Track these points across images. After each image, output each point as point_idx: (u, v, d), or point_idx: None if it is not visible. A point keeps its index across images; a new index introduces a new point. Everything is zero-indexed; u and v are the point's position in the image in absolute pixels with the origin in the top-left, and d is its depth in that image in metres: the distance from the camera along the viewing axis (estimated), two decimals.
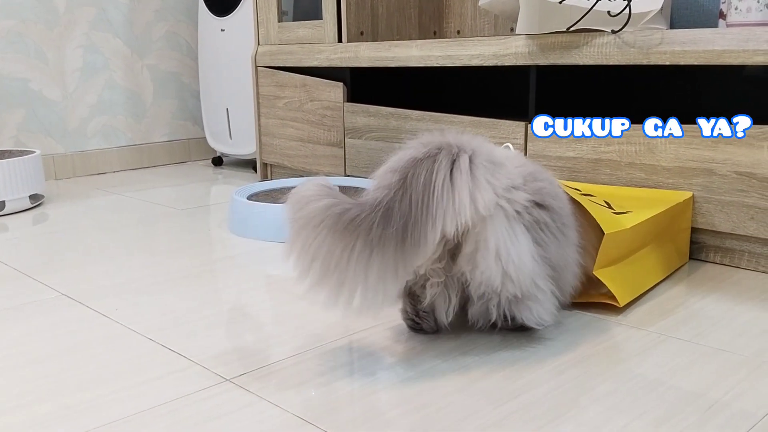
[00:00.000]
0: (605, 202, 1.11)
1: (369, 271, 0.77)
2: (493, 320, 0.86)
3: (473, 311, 0.87)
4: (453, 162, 0.80)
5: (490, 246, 0.80)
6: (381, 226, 0.77)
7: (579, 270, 0.92)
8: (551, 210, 0.86)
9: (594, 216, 0.97)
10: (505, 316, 0.86)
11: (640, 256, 1.07)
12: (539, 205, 0.85)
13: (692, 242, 1.21)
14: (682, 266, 1.18)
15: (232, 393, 0.77)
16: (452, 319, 0.88)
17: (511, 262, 0.81)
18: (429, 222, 0.78)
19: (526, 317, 0.85)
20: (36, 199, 1.77)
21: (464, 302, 0.87)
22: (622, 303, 0.97)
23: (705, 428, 0.69)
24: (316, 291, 0.79)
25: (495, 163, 0.83)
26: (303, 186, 0.84)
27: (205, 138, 2.50)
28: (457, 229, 0.78)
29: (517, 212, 0.82)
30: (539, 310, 0.85)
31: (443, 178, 0.79)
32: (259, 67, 1.96)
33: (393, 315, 0.98)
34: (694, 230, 1.20)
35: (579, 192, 1.11)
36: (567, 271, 0.89)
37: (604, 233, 0.94)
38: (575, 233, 0.91)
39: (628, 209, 1.09)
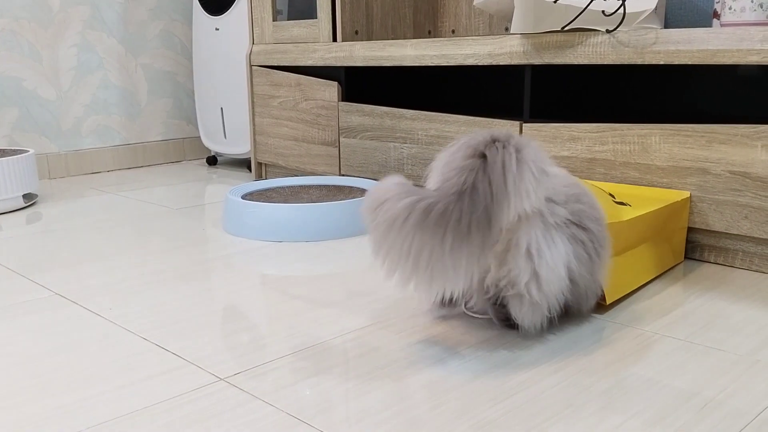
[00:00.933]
0: (608, 192, 1.12)
1: (459, 262, 0.77)
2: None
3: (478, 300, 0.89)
4: (517, 150, 0.81)
5: (522, 245, 0.82)
6: (469, 212, 0.77)
7: (600, 291, 0.94)
8: (589, 231, 0.88)
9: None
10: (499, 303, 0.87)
11: (633, 254, 1.08)
12: (577, 225, 0.87)
13: (687, 241, 1.21)
14: (677, 265, 1.18)
15: (226, 392, 0.77)
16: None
17: (544, 265, 0.82)
18: (505, 202, 0.78)
19: (526, 317, 0.86)
20: (30, 199, 1.76)
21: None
22: (608, 301, 0.97)
23: (699, 427, 0.69)
24: (405, 286, 0.80)
25: (543, 171, 0.83)
26: (380, 186, 0.83)
27: (199, 137, 2.49)
28: (526, 211, 0.80)
29: (556, 224, 0.84)
30: (538, 314, 0.86)
31: (514, 160, 0.80)
32: (253, 66, 1.96)
33: (387, 314, 0.98)
34: (689, 229, 1.20)
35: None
36: (590, 291, 0.91)
37: None
38: (608, 256, 0.92)
39: (628, 202, 1.10)
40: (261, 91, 1.95)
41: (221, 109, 2.20)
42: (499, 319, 0.92)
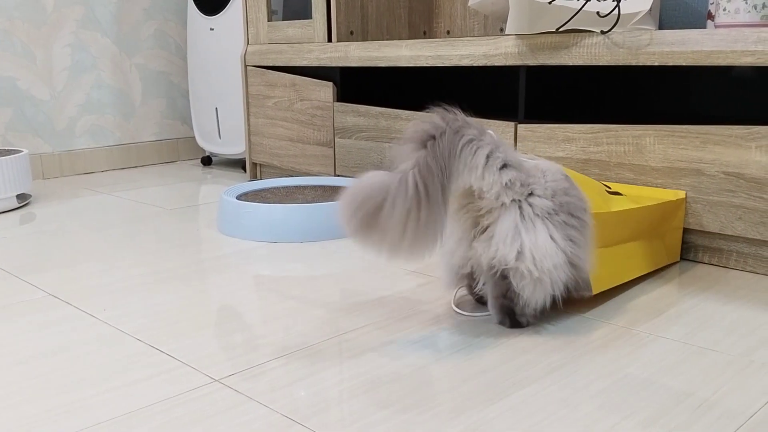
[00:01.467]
0: (603, 183, 1.13)
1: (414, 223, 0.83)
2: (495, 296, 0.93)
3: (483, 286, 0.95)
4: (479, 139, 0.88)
5: (501, 231, 0.88)
6: (423, 180, 0.83)
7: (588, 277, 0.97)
8: (580, 220, 0.93)
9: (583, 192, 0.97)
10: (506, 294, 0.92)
11: (623, 248, 1.08)
12: (568, 213, 0.92)
13: (682, 242, 1.22)
14: (672, 265, 1.18)
15: (221, 393, 0.77)
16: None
17: (528, 243, 0.88)
18: (454, 168, 0.86)
19: (527, 289, 0.90)
20: (23, 199, 1.75)
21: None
22: (594, 291, 0.97)
23: (694, 427, 0.69)
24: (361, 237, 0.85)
25: (511, 164, 0.89)
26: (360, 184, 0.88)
27: (194, 137, 2.49)
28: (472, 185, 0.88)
29: (538, 214, 0.89)
30: (540, 290, 0.90)
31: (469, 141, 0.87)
32: (248, 67, 1.96)
33: (382, 315, 0.98)
34: (683, 230, 1.20)
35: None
36: (584, 273, 0.95)
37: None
38: (592, 245, 0.97)
39: (624, 192, 1.11)
40: (256, 92, 1.95)
41: (216, 109, 2.19)
42: (501, 312, 0.93)
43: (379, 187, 0.83)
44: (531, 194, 0.90)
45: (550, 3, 1.25)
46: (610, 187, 1.13)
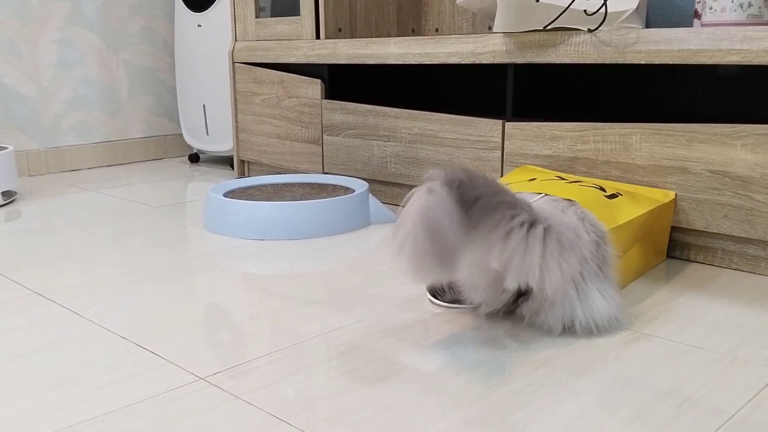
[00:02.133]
0: (596, 185, 1.12)
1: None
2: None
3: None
4: (531, 224, 0.83)
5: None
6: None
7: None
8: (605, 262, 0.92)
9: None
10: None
11: (626, 257, 1.07)
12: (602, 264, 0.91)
13: (669, 240, 1.22)
14: (659, 264, 1.19)
15: (206, 392, 0.76)
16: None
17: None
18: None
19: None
20: (9, 196, 1.74)
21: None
22: None
23: (678, 424, 0.69)
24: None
25: (566, 246, 0.86)
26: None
27: (181, 134, 2.47)
28: (519, 286, 0.83)
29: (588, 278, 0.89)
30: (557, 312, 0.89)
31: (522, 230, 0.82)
32: (236, 63, 1.95)
33: (369, 313, 0.98)
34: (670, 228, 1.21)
35: (566, 181, 1.12)
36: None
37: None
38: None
39: (619, 190, 1.11)
40: (244, 89, 1.94)
41: (203, 106, 2.19)
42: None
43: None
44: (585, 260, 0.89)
45: (537, 1, 1.25)
46: (605, 190, 1.12)
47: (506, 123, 1.36)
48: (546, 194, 1.01)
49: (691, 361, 0.82)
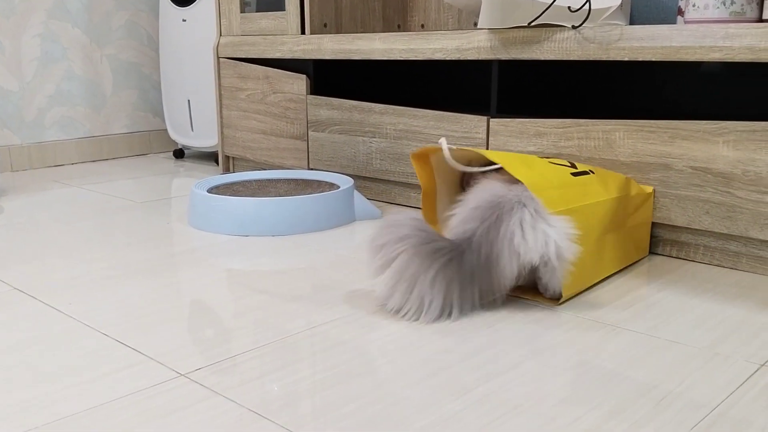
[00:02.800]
0: (569, 162, 1.12)
1: (448, 291, 0.93)
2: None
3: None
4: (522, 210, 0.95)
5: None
6: (462, 260, 0.93)
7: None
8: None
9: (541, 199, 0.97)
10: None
11: (594, 248, 1.07)
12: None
13: (651, 236, 1.23)
14: (640, 260, 1.19)
15: (187, 388, 0.76)
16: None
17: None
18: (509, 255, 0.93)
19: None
20: None
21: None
22: (565, 295, 0.98)
23: (658, 419, 0.69)
24: (385, 290, 0.95)
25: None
26: (396, 216, 0.98)
27: (166, 130, 2.46)
28: (541, 258, 0.93)
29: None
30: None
31: (519, 222, 0.94)
32: (221, 59, 1.94)
33: (353, 309, 0.98)
34: (652, 224, 1.22)
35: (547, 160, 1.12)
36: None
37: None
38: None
39: (591, 169, 1.12)
40: (228, 84, 1.93)
41: (188, 101, 2.17)
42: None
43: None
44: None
45: None
46: (576, 167, 1.12)
47: (491, 119, 1.36)
48: (502, 167, 1.05)
49: (672, 357, 0.83)
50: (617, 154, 1.20)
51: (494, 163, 1.10)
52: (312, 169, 1.74)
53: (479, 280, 0.94)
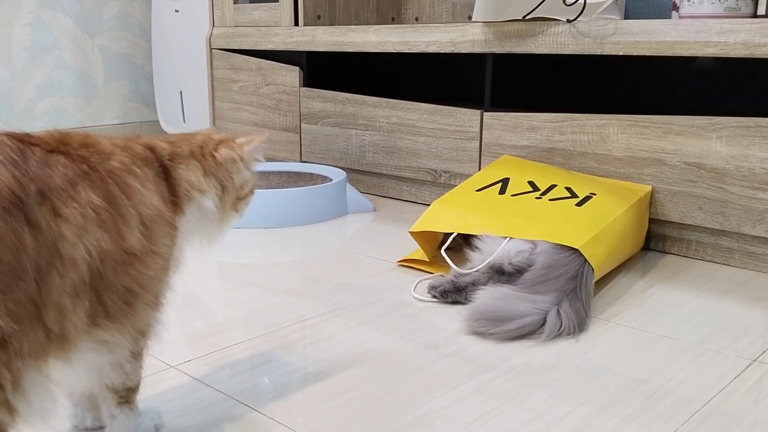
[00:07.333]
0: (568, 188, 1.11)
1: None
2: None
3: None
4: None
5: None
6: None
7: None
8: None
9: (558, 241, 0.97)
10: None
11: (615, 252, 1.06)
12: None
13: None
14: (634, 254, 1.19)
15: (177, 380, 0.75)
16: None
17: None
18: None
19: None
20: None
21: None
22: None
23: (649, 413, 0.69)
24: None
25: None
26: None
27: (158, 121, 2.44)
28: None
29: None
30: None
31: None
32: (213, 50, 1.93)
33: (343, 302, 0.98)
34: None
35: (536, 193, 1.10)
36: None
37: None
38: None
39: (593, 190, 1.10)
40: (221, 75, 1.92)
41: (180, 92, 2.16)
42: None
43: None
44: None
45: None
46: (577, 195, 1.09)
47: (485, 113, 1.36)
48: (511, 238, 0.99)
49: (663, 351, 0.83)
50: (611, 149, 1.20)
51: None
52: (304, 162, 1.73)
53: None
